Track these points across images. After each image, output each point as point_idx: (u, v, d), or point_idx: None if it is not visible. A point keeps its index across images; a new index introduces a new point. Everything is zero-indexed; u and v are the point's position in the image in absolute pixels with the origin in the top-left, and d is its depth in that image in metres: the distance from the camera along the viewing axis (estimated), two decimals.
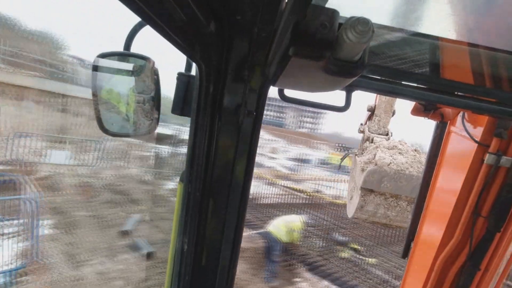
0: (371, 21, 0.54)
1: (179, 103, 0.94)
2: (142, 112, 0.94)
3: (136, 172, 13.49)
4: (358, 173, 3.82)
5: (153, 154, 15.39)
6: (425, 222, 2.05)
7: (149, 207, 11.23)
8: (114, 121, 0.93)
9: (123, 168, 13.50)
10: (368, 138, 4.32)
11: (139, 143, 14.75)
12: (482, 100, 0.97)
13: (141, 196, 11.50)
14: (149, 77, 0.93)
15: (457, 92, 0.98)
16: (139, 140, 14.78)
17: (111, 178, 12.21)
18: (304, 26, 0.59)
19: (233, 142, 0.83)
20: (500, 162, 1.52)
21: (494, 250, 1.67)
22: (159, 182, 13.64)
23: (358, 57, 0.62)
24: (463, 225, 1.67)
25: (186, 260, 0.88)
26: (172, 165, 14.73)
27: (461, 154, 1.75)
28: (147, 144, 15.15)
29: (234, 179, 0.85)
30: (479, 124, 1.62)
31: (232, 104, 0.79)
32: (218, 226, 0.88)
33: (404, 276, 2.23)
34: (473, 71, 1.04)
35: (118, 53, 0.93)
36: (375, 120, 4.38)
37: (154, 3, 0.51)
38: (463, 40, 1.05)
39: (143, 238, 8.99)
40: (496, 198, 1.57)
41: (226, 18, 0.66)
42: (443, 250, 1.76)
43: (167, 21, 0.57)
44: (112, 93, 0.92)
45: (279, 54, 0.69)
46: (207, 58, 0.73)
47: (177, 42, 0.63)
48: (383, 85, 0.96)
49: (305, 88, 0.91)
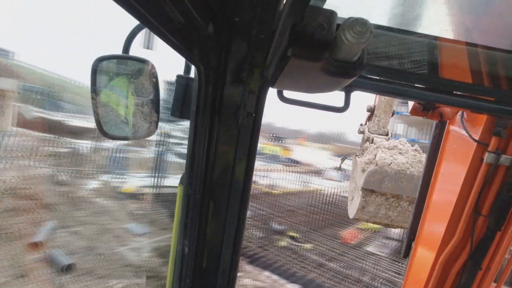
0: (369, 22, 0.54)
1: (178, 105, 0.94)
2: (141, 115, 0.95)
3: (48, 172, 11.73)
4: (358, 174, 3.82)
5: (70, 151, 13.54)
6: (425, 222, 2.05)
7: (66, 211, 9.83)
8: (113, 124, 0.93)
9: (31, 168, 11.55)
10: (368, 138, 4.32)
11: (53, 138, 13.20)
12: (480, 99, 0.97)
13: (56, 200, 10.10)
14: (148, 80, 0.93)
15: (455, 92, 0.98)
16: (53, 134, 13.33)
17: (14, 181, 10.27)
18: (302, 27, 0.59)
19: (232, 144, 0.83)
20: (499, 161, 1.52)
21: (495, 249, 1.66)
22: (78, 182, 12.02)
23: (356, 58, 0.62)
24: (463, 224, 1.67)
25: (187, 262, 0.88)
26: (94, 162, 13.29)
27: (461, 153, 1.75)
28: (63, 139, 13.63)
29: (234, 180, 0.85)
30: (478, 123, 1.63)
31: (231, 106, 0.79)
32: (218, 228, 0.88)
33: (406, 275, 2.23)
34: (472, 70, 1.04)
35: (117, 56, 0.94)
36: (375, 121, 4.38)
37: (152, 6, 0.51)
38: (461, 39, 1.06)
39: (60, 249, 7.79)
40: (496, 197, 1.57)
41: (224, 20, 0.66)
42: (444, 249, 1.75)
43: (166, 23, 0.57)
44: (111, 96, 0.92)
45: (277, 56, 0.69)
46: (206, 60, 0.73)
47: (175, 44, 0.64)
48: (382, 85, 0.97)
49: (304, 89, 0.91)
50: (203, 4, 0.59)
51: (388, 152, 3.80)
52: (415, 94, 1.01)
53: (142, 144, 15.82)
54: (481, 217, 1.62)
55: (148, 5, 0.50)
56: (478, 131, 1.61)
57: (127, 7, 0.47)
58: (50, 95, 19.01)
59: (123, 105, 0.96)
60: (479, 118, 1.62)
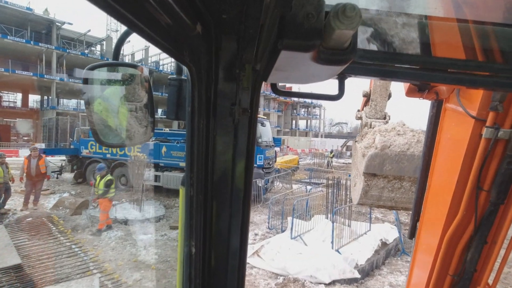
0: (357, 6, 0.54)
1: (172, 107, 0.94)
2: (136, 120, 0.94)
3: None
4: (359, 159, 3.83)
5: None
6: (428, 202, 2.06)
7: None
8: (109, 132, 0.93)
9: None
10: (366, 123, 4.32)
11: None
12: (475, 74, 0.97)
13: None
14: (140, 85, 0.93)
15: (450, 69, 0.98)
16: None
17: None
18: (291, 18, 0.59)
19: (230, 141, 0.83)
20: (498, 135, 1.53)
21: (499, 222, 1.68)
22: None
23: (348, 44, 0.62)
24: (466, 201, 1.68)
25: (195, 263, 0.89)
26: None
27: (459, 130, 1.76)
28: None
29: (235, 177, 0.85)
30: (474, 99, 1.62)
31: (226, 103, 0.79)
32: (223, 226, 0.88)
33: (413, 256, 2.25)
34: (464, 46, 1.04)
35: (108, 63, 0.93)
36: (371, 105, 4.37)
37: (138, 10, 0.50)
38: (451, 16, 1.05)
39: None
40: (497, 171, 1.58)
41: (211, 18, 0.65)
42: (449, 227, 1.77)
43: (153, 27, 0.56)
44: (104, 104, 0.92)
45: (268, 49, 0.69)
46: (197, 60, 0.73)
47: (165, 46, 0.63)
48: (375, 69, 0.96)
49: (297, 80, 0.91)
50: (190, 4, 0.59)
51: (387, 134, 3.80)
52: (410, 75, 1.01)
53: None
54: (483, 192, 1.63)
55: (135, 10, 0.50)
56: (475, 107, 1.61)
57: (113, 13, 0.47)
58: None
59: (117, 112, 0.96)
60: (475, 94, 1.62)
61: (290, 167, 21.74)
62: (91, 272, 7.03)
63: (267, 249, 7.97)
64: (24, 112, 43.06)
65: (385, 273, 7.86)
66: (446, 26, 1.07)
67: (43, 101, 41.15)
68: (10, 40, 32.38)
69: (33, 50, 34.79)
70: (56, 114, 24.15)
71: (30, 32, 36.58)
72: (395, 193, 3.70)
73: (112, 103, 0.94)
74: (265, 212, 11.85)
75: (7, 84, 36.54)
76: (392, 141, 3.69)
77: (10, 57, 33.81)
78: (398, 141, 3.70)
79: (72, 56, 37.62)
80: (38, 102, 43.55)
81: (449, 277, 1.85)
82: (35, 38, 36.13)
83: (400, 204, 3.81)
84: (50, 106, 36.90)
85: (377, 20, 1.03)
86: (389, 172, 3.63)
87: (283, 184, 16.89)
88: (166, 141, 15.02)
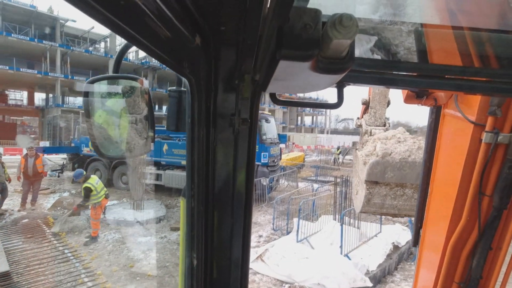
0: (354, 16, 0.55)
1: (173, 119, 0.94)
2: (136, 132, 0.95)
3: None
4: (360, 167, 3.82)
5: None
6: (431, 208, 2.05)
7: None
8: (110, 144, 0.93)
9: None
10: (367, 131, 4.33)
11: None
12: (473, 80, 0.98)
13: None
14: (140, 97, 0.94)
15: (447, 76, 0.99)
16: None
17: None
18: (289, 29, 0.60)
19: (231, 151, 0.83)
20: (498, 140, 1.53)
21: (503, 228, 1.66)
22: None
23: (345, 53, 0.63)
24: (469, 207, 1.67)
25: (197, 274, 0.88)
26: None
27: (459, 135, 1.76)
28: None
29: (236, 188, 0.84)
30: (472, 104, 1.63)
31: (226, 114, 0.79)
32: (225, 238, 0.87)
33: (417, 263, 2.22)
34: (460, 53, 1.05)
35: (108, 76, 0.94)
36: (371, 113, 4.39)
37: (138, 24, 0.51)
38: (446, 24, 1.06)
39: None
40: (499, 176, 1.57)
41: (210, 30, 0.66)
42: (452, 233, 1.75)
43: (153, 40, 0.57)
44: (104, 117, 0.92)
45: (267, 60, 0.70)
46: (196, 72, 0.73)
47: (164, 59, 0.64)
48: (373, 77, 0.97)
49: (296, 89, 0.92)
50: (188, 16, 0.60)
51: (387, 142, 3.80)
52: (408, 82, 1.02)
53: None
54: (485, 198, 1.62)
55: (135, 24, 0.50)
56: (473, 112, 1.62)
57: (113, 27, 0.48)
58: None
59: (118, 124, 0.96)
60: (473, 100, 1.63)
61: (295, 164, 21.30)
62: (82, 280, 6.74)
63: (271, 253, 7.51)
64: (30, 110, 42.65)
65: (399, 280, 7.36)
66: (442, 34, 1.09)
67: (48, 99, 40.77)
68: (15, 38, 31.94)
69: (37, 47, 34.41)
70: (61, 112, 24.01)
71: (34, 29, 35.26)
72: (398, 200, 3.67)
73: (112, 116, 0.94)
74: (269, 212, 11.51)
75: (13, 82, 36.17)
76: (393, 148, 3.69)
77: (14, 55, 33.40)
78: (399, 148, 3.69)
79: (76, 53, 36.78)
80: (44, 100, 43.22)
81: (455, 284, 1.82)
82: (39, 36, 35.27)
83: (403, 211, 3.78)
84: (55, 104, 36.61)
85: (374, 29, 1.04)
86: (391, 179, 3.61)
87: (289, 182, 16.47)
88: (168, 138, 14.59)
